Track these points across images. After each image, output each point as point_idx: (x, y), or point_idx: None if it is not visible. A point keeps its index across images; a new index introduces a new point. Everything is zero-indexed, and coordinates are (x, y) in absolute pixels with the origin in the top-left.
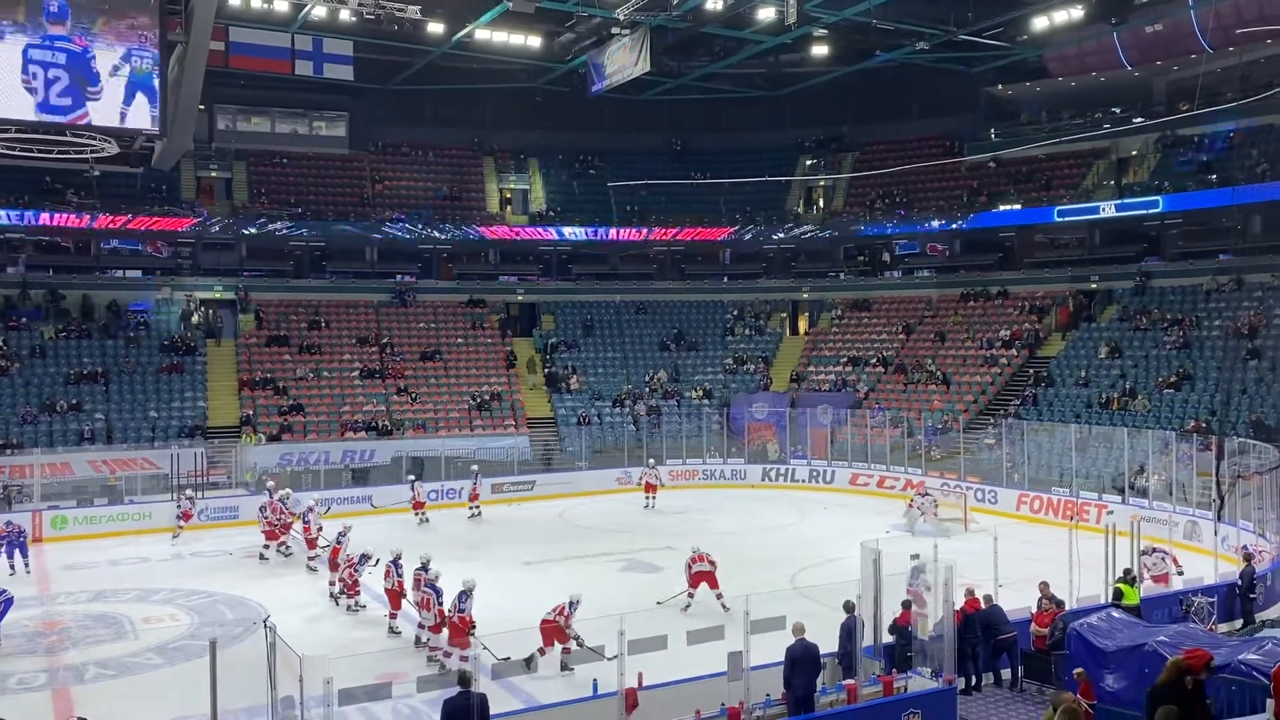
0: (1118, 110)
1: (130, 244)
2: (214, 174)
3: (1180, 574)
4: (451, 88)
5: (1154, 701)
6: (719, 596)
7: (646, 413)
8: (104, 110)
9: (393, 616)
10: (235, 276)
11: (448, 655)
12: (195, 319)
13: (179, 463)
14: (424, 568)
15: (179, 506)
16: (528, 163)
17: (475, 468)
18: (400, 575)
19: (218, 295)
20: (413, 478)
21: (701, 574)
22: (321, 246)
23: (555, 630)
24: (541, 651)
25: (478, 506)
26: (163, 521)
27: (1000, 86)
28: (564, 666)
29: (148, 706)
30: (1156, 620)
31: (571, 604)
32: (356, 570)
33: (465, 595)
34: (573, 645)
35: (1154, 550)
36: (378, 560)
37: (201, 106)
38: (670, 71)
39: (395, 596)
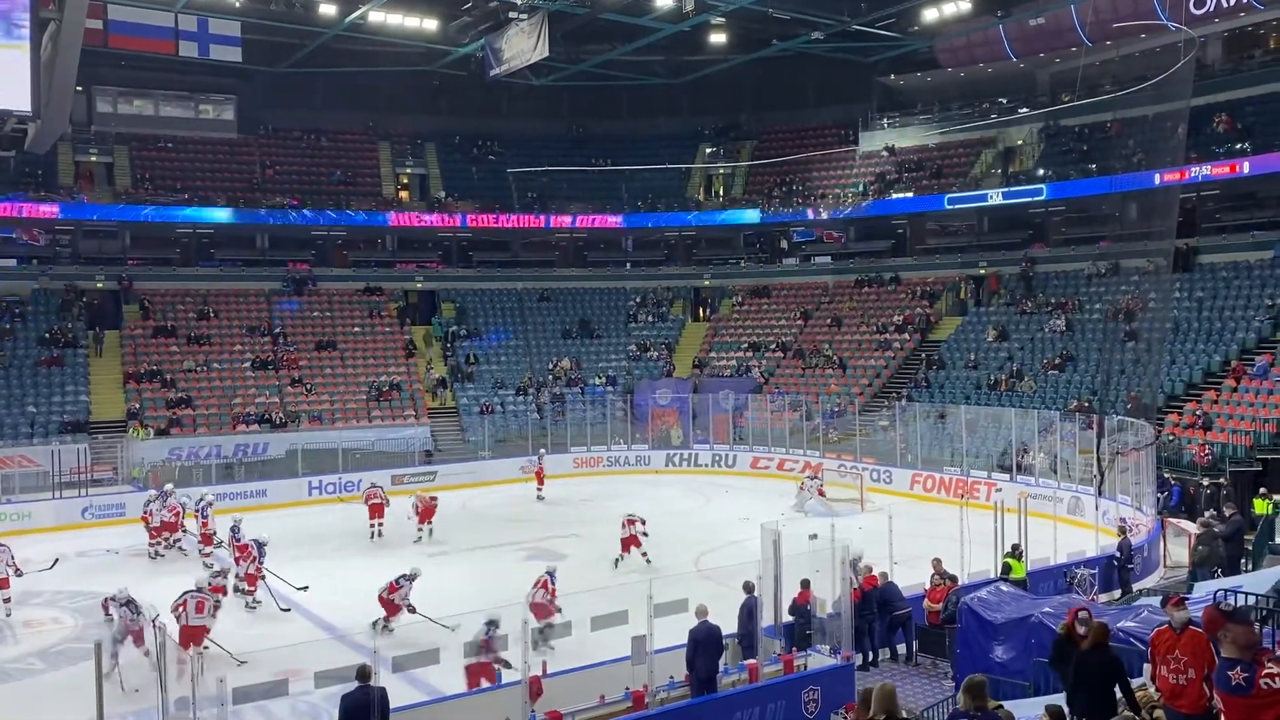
0: (1004, 101)
1: (4, 231)
2: (94, 158)
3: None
4: (345, 70)
5: (1056, 647)
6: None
7: (550, 401)
8: None
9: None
10: (118, 265)
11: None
12: (76, 310)
13: (60, 459)
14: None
15: None
16: (425, 148)
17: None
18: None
19: (100, 285)
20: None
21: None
22: (210, 233)
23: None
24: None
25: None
26: (44, 521)
27: (893, 76)
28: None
29: (30, 714)
30: (1042, 592)
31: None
32: (258, 558)
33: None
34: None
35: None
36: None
37: (79, 88)
38: (569, 57)
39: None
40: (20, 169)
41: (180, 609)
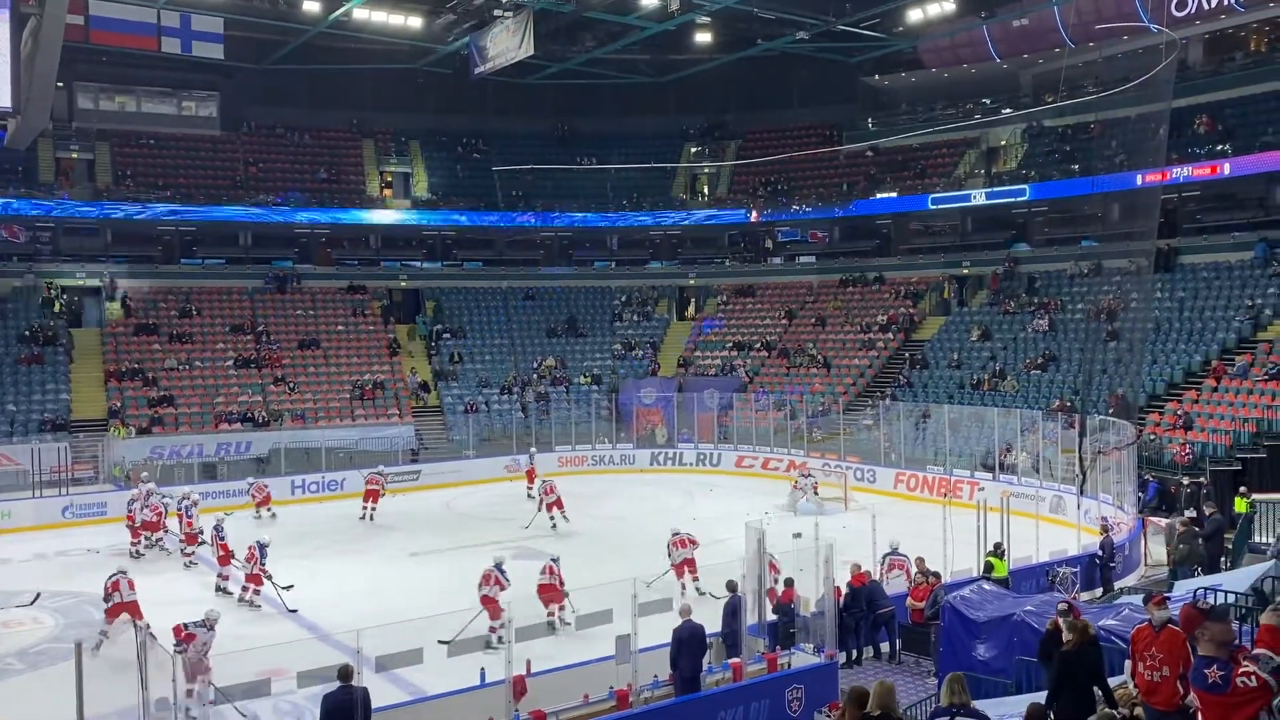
0: (987, 101)
1: None
2: (75, 155)
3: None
4: (329, 68)
5: (1043, 646)
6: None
7: (535, 399)
8: None
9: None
10: (100, 263)
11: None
12: (57, 307)
13: (40, 458)
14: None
15: None
16: (409, 146)
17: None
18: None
19: (81, 282)
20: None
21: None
22: (192, 231)
23: (552, 590)
24: (561, 608)
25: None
26: (24, 520)
27: (877, 77)
28: (562, 622)
29: (9, 714)
30: (1024, 591)
31: (555, 560)
32: (260, 559)
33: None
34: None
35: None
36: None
37: (60, 84)
38: (554, 56)
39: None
40: None
41: (114, 590)
